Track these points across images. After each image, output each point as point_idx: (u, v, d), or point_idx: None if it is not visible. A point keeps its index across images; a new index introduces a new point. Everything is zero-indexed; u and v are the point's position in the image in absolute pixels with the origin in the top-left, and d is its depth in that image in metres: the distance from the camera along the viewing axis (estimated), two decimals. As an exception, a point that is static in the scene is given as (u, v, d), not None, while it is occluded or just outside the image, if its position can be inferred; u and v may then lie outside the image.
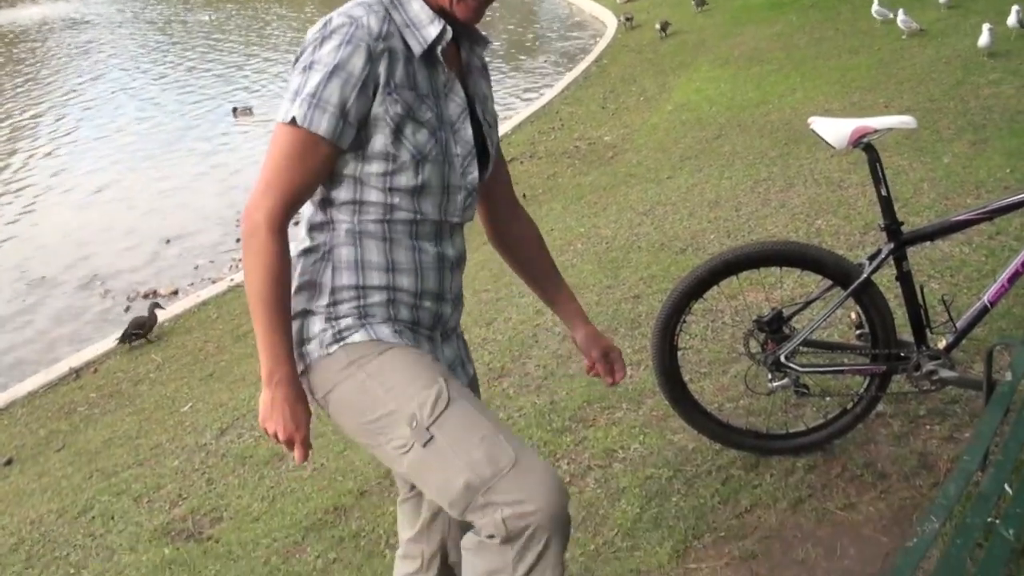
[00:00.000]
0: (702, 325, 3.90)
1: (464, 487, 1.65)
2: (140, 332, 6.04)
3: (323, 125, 1.66)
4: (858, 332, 2.92)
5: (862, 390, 2.87)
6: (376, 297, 1.80)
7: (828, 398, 3.10)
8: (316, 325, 1.80)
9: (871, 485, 2.76)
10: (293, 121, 1.67)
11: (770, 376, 2.86)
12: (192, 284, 7.55)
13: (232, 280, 7.04)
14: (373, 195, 1.76)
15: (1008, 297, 3.40)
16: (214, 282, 7.32)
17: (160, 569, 3.24)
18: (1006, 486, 2.12)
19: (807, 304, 2.91)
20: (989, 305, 2.76)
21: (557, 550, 1.65)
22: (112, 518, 3.75)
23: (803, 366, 2.85)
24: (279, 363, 1.72)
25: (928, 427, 2.98)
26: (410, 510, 2.11)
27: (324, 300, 1.79)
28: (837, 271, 2.74)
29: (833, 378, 3.16)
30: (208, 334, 6.03)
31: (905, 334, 2.84)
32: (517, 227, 2.11)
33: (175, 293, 7.39)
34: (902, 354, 2.79)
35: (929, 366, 2.77)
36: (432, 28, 1.73)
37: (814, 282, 3.67)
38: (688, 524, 2.74)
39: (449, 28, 1.74)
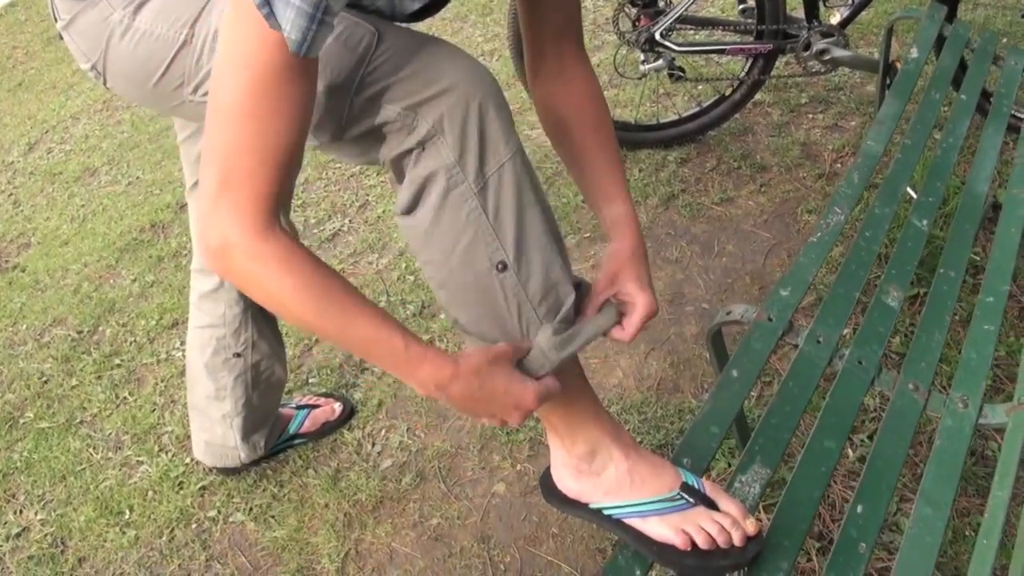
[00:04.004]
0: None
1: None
2: None
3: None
4: (742, 7, 2.59)
5: (743, 73, 2.58)
6: None
7: (704, 84, 2.78)
8: None
9: (749, 178, 2.51)
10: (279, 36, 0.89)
11: (642, 58, 2.51)
12: (-1, -15, 6.59)
13: (41, -23, 6.15)
14: None
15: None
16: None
17: (-42, 304, 2.83)
18: (909, 189, 1.89)
19: (686, -27, 2.52)
20: (888, -26, 2.45)
21: (498, 116, 1.01)
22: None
23: (680, 45, 2.50)
24: (425, 362, 0.99)
25: (811, 116, 2.73)
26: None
27: None
28: (722, -70, 2.34)
29: (712, 60, 2.84)
30: (16, 39, 5.29)
31: (793, 10, 2.52)
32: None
33: (-21, -4, 6.44)
34: (791, 31, 2.48)
35: (821, 44, 2.49)
36: None
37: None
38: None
39: None
